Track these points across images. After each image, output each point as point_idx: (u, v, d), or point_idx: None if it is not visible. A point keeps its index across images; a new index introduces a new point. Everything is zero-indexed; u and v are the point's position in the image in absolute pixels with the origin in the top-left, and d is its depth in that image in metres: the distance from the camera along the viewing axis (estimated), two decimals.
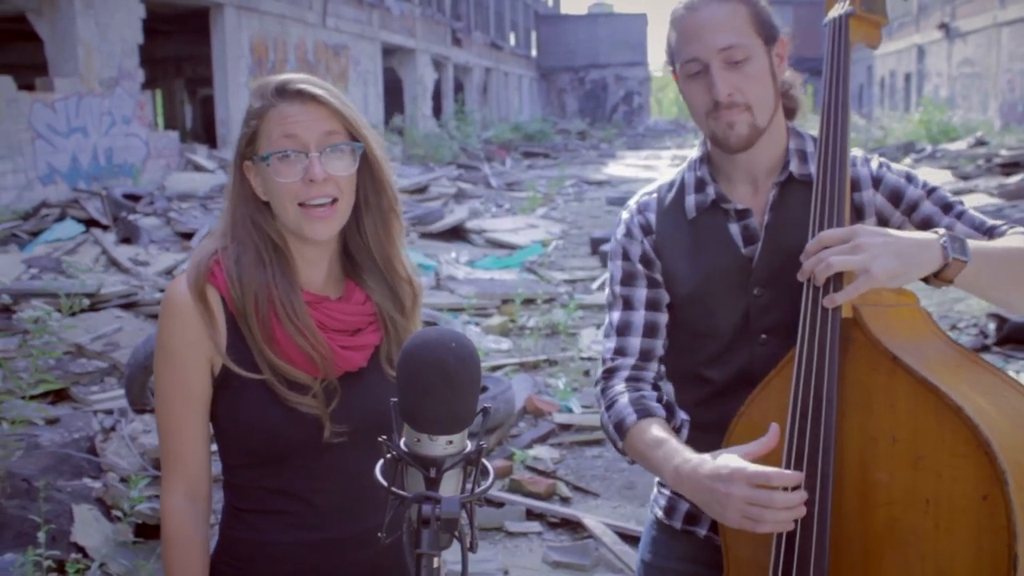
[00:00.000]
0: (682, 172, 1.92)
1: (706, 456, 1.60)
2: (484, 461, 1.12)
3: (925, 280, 1.60)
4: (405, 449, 1.09)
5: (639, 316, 1.89)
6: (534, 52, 60.06)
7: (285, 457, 1.68)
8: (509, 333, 8.44)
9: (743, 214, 1.82)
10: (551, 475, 5.24)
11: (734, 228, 1.82)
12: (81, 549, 4.03)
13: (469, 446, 1.11)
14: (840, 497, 1.54)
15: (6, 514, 4.11)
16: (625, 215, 1.96)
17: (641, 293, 1.90)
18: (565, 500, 4.96)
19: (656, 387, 1.89)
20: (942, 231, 1.58)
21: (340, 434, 1.65)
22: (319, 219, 1.64)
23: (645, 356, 1.89)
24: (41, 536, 3.61)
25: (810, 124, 1.89)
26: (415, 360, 1.09)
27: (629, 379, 1.87)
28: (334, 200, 1.65)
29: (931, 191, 1.78)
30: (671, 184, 1.93)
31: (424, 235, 13.81)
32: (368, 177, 1.73)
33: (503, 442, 5.72)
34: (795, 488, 1.50)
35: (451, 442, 1.08)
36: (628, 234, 1.93)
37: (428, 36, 35.74)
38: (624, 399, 1.82)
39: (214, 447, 1.76)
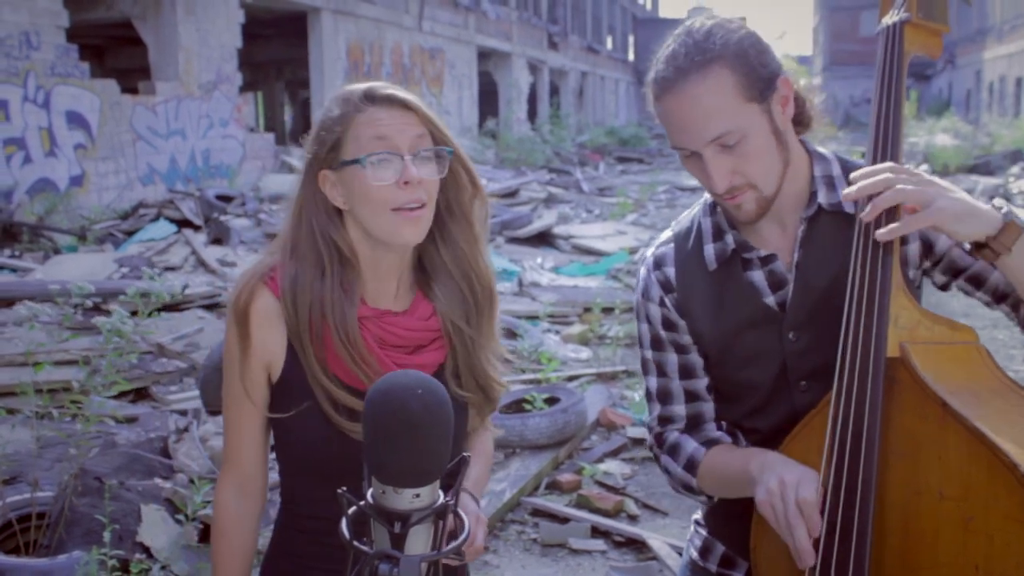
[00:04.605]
0: (696, 217, 1.76)
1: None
2: (461, 513, 1.04)
3: (977, 248, 1.47)
4: (371, 501, 1.01)
5: (676, 385, 1.77)
6: (631, 56, 59.69)
7: (342, 474, 1.61)
8: (589, 342, 8.33)
9: (767, 260, 1.66)
10: (620, 491, 5.12)
11: (757, 276, 1.67)
12: (147, 549, 4.07)
13: (441, 499, 1.03)
14: (881, 556, 1.39)
15: (77, 512, 4.18)
16: (643, 271, 1.81)
17: (672, 360, 1.77)
18: (633, 518, 4.83)
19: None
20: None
21: None
22: (411, 220, 1.60)
23: (694, 421, 1.78)
24: (106, 535, 3.66)
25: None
26: (377, 407, 1.00)
27: (684, 431, 1.78)
28: (422, 204, 1.62)
29: None
30: (688, 231, 1.76)
31: (511, 240, 13.78)
32: (451, 181, 1.69)
33: (573, 455, 5.63)
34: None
35: (418, 495, 1.00)
36: (646, 294, 1.78)
37: (524, 40, 35.77)
38: (689, 440, 1.75)
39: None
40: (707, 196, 1.74)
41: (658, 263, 1.78)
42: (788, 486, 1.44)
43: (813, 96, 1.70)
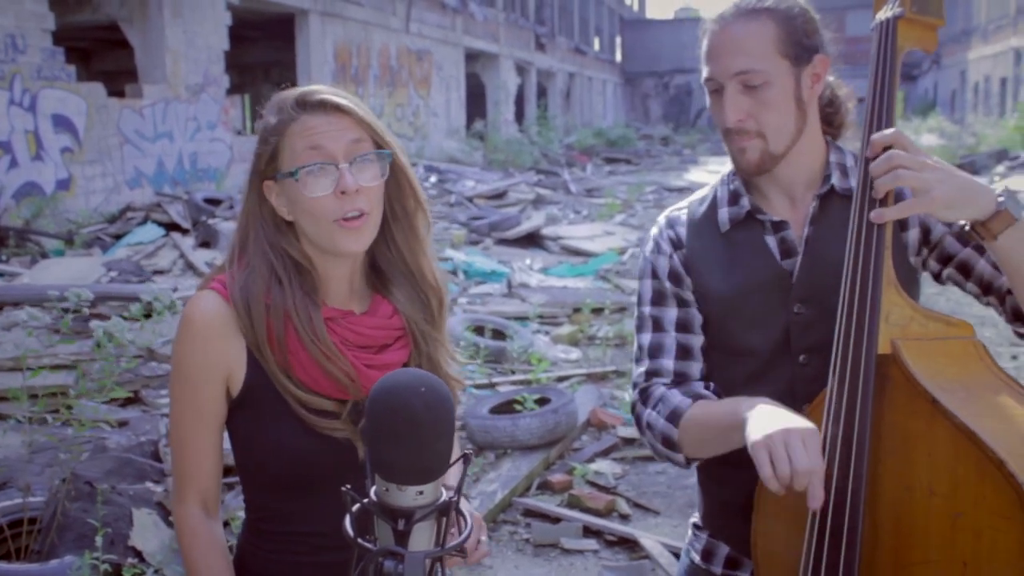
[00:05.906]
0: (715, 187, 1.84)
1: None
2: (463, 510, 1.05)
3: (970, 233, 1.53)
4: (374, 499, 1.02)
5: (670, 338, 1.80)
6: (618, 57, 59.79)
7: (312, 482, 1.61)
8: (579, 343, 8.35)
9: (779, 226, 1.73)
10: (611, 491, 5.14)
11: (771, 240, 1.74)
12: (139, 553, 4.06)
13: (444, 496, 1.04)
14: (873, 552, 1.41)
15: (68, 516, 4.18)
16: (654, 231, 1.88)
17: (671, 314, 1.81)
18: (624, 517, 4.85)
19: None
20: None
21: None
22: (352, 231, 1.57)
23: (681, 378, 1.78)
24: (98, 539, 3.65)
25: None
26: (381, 405, 1.01)
27: (670, 386, 1.78)
28: (363, 214, 1.58)
29: None
30: (702, 199, 1.85)
31: (500, 241, 13.79)
32: (394, 185, 1.66)
33: (564, 456, 5.64)
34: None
35: (421, 492, 1.01)
36: (657, 249, 1.84)
37: (511, 41, 35.79)
38: (675, 392, 1.74)
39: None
40: (726, 168, 1.83)
41: (670, 224, 1.86)
42: (793, 438, 1.38)
43: (852, 105, 1.80)
